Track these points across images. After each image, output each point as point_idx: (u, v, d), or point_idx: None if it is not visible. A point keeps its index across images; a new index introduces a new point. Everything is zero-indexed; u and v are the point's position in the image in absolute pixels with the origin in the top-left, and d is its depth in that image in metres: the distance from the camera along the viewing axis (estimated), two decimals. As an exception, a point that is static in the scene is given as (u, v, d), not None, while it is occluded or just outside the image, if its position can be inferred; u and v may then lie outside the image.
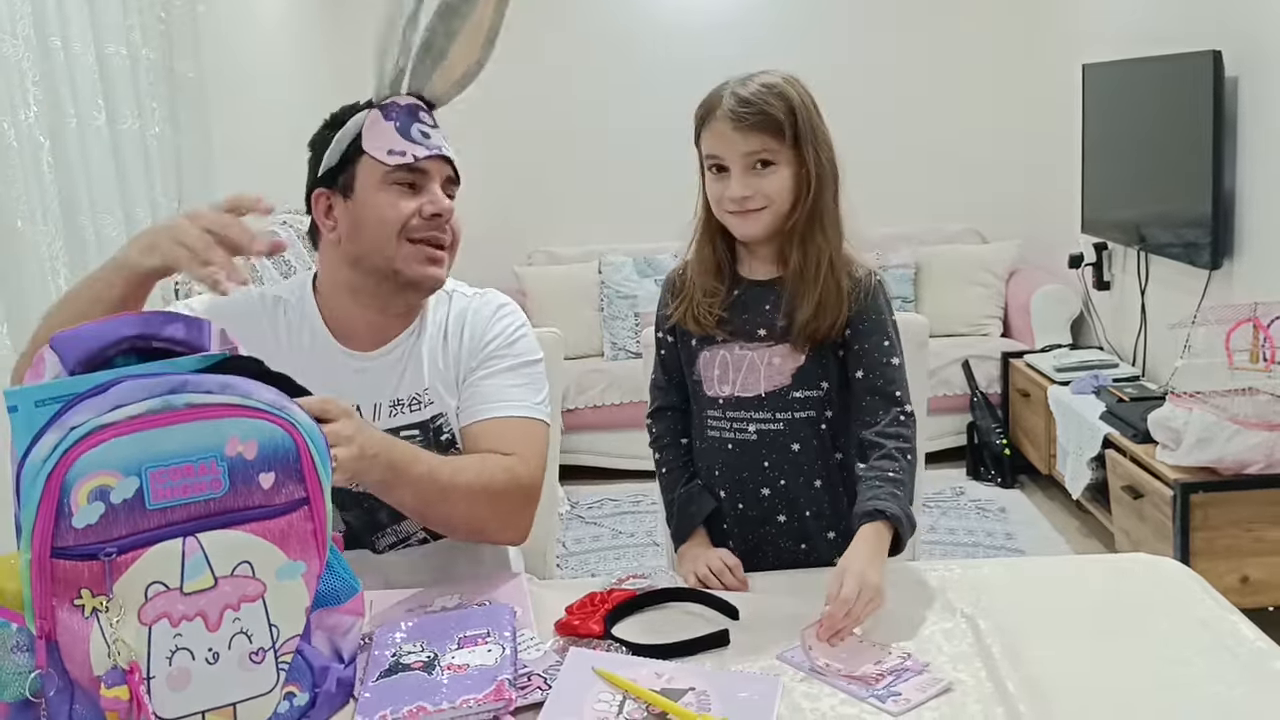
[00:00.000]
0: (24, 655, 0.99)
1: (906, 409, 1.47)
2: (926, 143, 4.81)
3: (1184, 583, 1.35)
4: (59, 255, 2.39)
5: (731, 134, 1.45)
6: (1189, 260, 3.28)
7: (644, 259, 4.69)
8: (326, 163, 1.45)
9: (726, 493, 1.57)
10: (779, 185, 1.46)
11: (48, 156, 2.39)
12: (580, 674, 1.15)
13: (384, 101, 1.44)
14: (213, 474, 1.00)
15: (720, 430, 1.55)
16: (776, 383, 1.51)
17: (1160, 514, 2.74)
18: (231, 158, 3.39)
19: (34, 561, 0.95)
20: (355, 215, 1.45)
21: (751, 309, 1.53)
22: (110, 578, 0.97)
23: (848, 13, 4.82)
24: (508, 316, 1.58)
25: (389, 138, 1.42)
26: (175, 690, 1.00)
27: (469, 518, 1.42)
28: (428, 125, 1.46)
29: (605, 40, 4.91)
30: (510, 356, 1.54)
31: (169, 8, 3.08)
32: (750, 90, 1.45)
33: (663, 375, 1.65)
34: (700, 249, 1.58)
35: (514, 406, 1.50)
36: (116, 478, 0.96)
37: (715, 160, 1.49)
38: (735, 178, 1.46)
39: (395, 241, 1.44)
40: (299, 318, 1.52)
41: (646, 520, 3.91)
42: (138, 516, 0.97)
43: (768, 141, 1.44)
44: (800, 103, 1.46)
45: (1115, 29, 3.90)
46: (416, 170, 1.44)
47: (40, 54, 2.41)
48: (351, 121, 1.44)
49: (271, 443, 1.02)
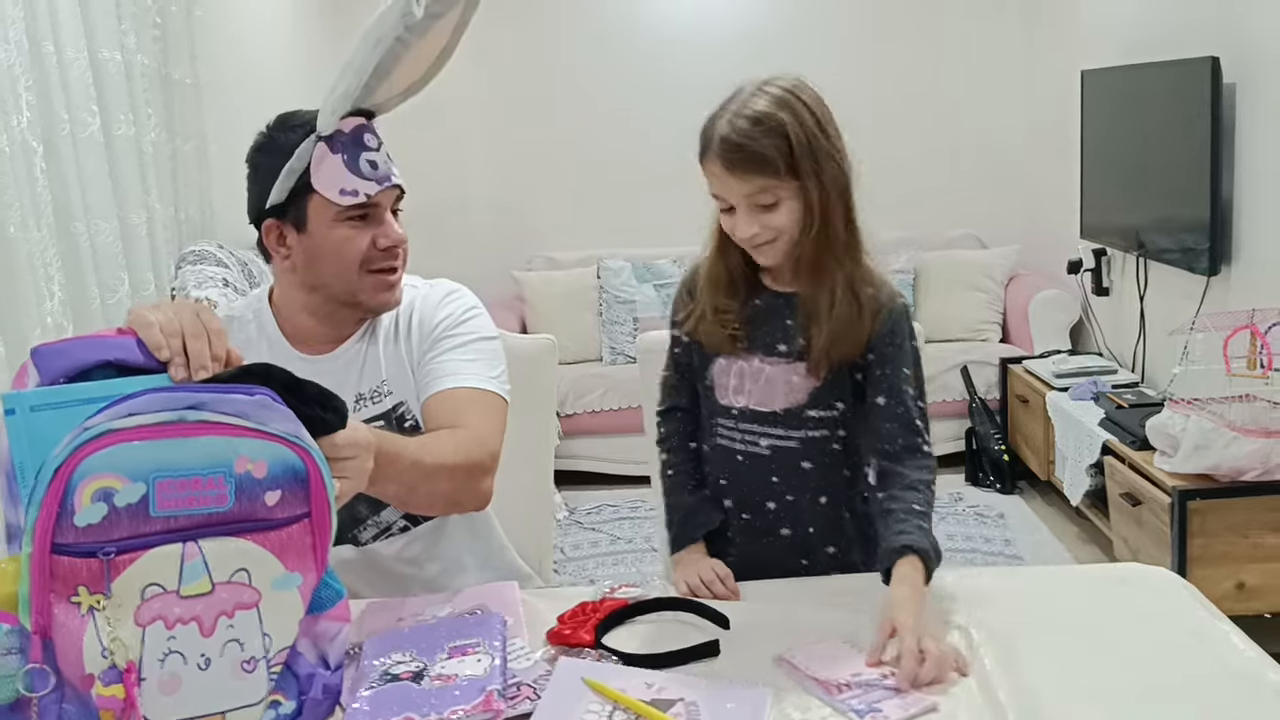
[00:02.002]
0: (15, 657, 0.99)
1: (927, 443, 1.43)
2: (925, 147, 4.81)
3: (1176, 592, 1.35)
4: (52, 262, 2.38)
5: (727, 177, 1.39)
6: (1188, 266, 3.27)
7: (643, 264, 4.69)
8: (275, 196, 1.44)
9: (732, 502, 1.56)
10: (787, 218, 1.40)
11: (41, 163, 2.39)
12: (570, 684, 1.14)
13: (329, 132, 1.42)
14: (219, 489, 1.00)
15: (730, 440, 1.53)
16: (794, 400, 1.48)
17: (1158, 520, 2.73)
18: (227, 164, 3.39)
19: (34, 556, 0.95)
20: (310, 248, 1.47)
21: (771, 321, 1.49)
22: (109, 576, 0.97)
23: (847, 18, 4.83)
24: (456, 300, 1.59)
25: (338, 175, 1.41)
26: (166, 694, 1.00)
27: (439, 495, 1.43)
28: (373, 149, 1.45)
29: (606, 46, 4.91)
30: (461, 335, 1.55)
31: (164, 13, 3.08)
32: (740, 128, 1.37)
33: (675, 374, 1.62)
34: (713, 264, 1.52)
35: (466, 379, 1.51)
36: (123, 481, 0.96)
37: (719, 200, 1.43)
38: (740, 217, 1.41)
39: (355, 274, 1.47)
40: (256, 331, 1.55)
41: (644, 526, 3.90)
42: (140, 521, 0.98)
43: (765, 181, 1.38)
44: (796, 130, 1.37)
45: (1114, 35, 3.89)
46: (368, 205, 1.45)
47: (33, 59, 2.41)
48: (297, 155, 1.42)
49: (282, 464, 1.02)
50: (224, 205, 3.39)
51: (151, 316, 1.06)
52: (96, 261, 2.61)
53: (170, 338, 1.04)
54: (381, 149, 1.46)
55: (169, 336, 1.04)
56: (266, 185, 1.45)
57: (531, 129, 4.96)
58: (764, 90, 1.40)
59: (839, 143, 1.42)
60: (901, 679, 1.14)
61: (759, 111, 1.37)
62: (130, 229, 2.79)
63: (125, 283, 2.71)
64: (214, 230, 3.34)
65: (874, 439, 1.44)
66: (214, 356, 1.06)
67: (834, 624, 1.29)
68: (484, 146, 4.99)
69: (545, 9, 4.82)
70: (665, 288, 4.65)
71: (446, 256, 3.98)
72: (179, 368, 1.04)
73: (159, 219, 2.97)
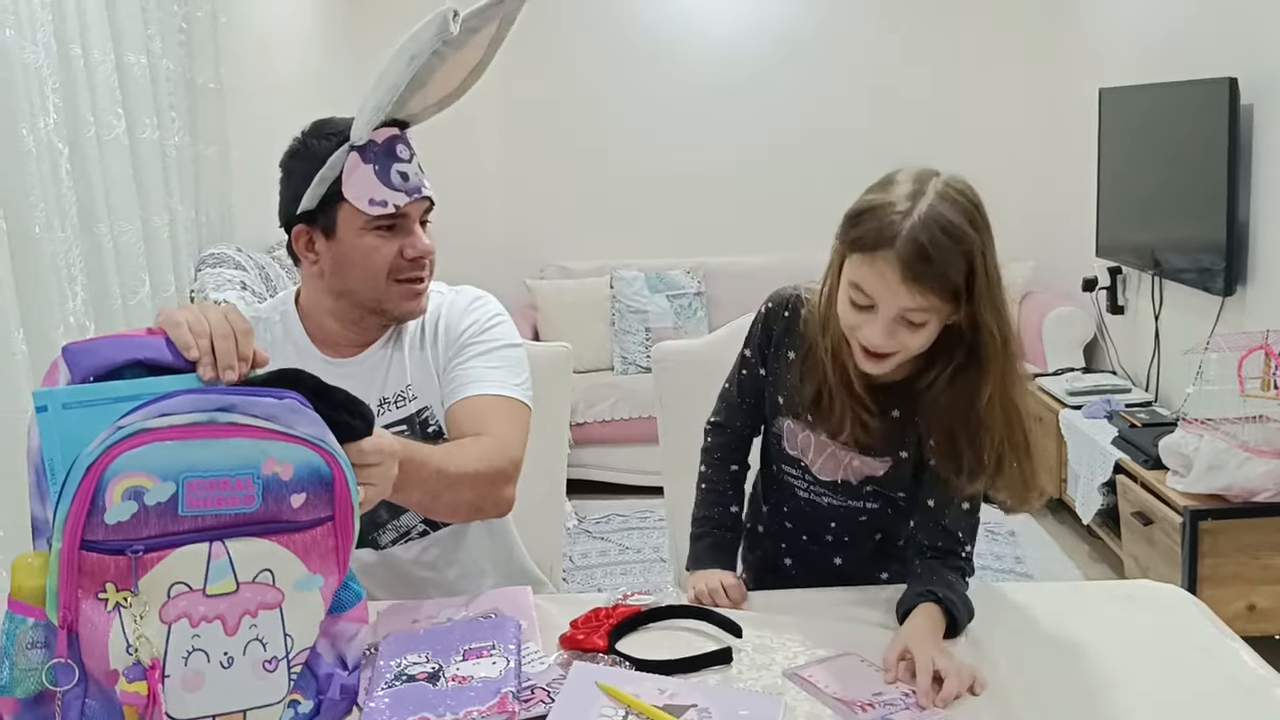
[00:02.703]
0: (39, 651, 1.01)
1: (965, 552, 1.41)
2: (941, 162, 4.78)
3: (1187, 609, 1.35)
4: (76, 263, 2.41)
5: (898, 285, 1.23)
6: (1203, 286, 3.27)
7: (656, 274, 4.71)
8: (306, 203, 1.47)
9: (791, 525, 1.58)
10: (924, 339, 1.29)
11: (66, 164, 2.41)
12: (583, 688, 1.16)
13: (362, 142, 1.43)
14: (247, 490, 1.01)
15: (794, 483, 1.54)
16: (853, 476, 1.49)
17: (1169, 540, 2.73)
18: (248, 168, 3.42)
19: (63, 551, 0.97)
20: (339, 255, 1.48)
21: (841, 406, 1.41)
22: (136, 574, 0.99)
23: (867, 35, 4.84)
24: (482, 307, 1.61)
25: (369, 185, 1.43)
26: (189, 691, 1.02)
27: (462, 503, 1.44)
28: (404, 160, 1.46)
29: (622, 56, 4.93)
30: (486, 342, 1.56)
31: (190, 19, 3.12)
32: (934, 237, 1.22)
33: (737, 395, 1.57)
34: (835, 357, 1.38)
35: (490, 386, 1.52)
36: (153, 481, 0.98)
37: (863, 296, 1.28)
38: (880, 325, 1.27)
39: (383, 283, 1.49)
40: (282, 333, 1.57)
41: (653, 536, 3.90)
42: (169, 520, 0.99)
43: (935, 301, 1.25)
44: (981, 255, 1.25)
45: (1133, 53, 3.90)
46: (397, 215, 1.46)
47: (61, 61, 2.44)
48: (330, 163, 1.44)
49: (308, 467, 1.04)
50: (243, 209, 3.42)
51: (180, 317, 1.08)
52: (119, 262, 2.64)
53: (199, 337, 1.06)
54: (414, 160, 1.47)
55: (197, 336, 1.06)
56: (299, 190, 1.47)
57: (546, 138, 4.99)
58: (951, 197, 1.26)
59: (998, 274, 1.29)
60: (921, 697, 1.15)
61: (952, 223, 1.24)
62: (152, 231, 2.81)
63: (146, 284, 2.74)
64: (233, 233, 3.37)
65: (916, 531, 1.45)
66: (241, 356, 1.08)
67: (846, 635, 1.30)
68: (499, 155, 5.02)
69: (561, 19, 4.85)
70: (678, 298, 4.66)
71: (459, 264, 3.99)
72: (207, 367, 1.06)
73: (180, 221, 3.00)
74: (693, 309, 4.68)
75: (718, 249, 4.90)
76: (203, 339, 1.07)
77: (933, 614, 1.29)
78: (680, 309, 4.66)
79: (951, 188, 1.28)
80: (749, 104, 4.91)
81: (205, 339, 1.07)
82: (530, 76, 4.85)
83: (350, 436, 1.09)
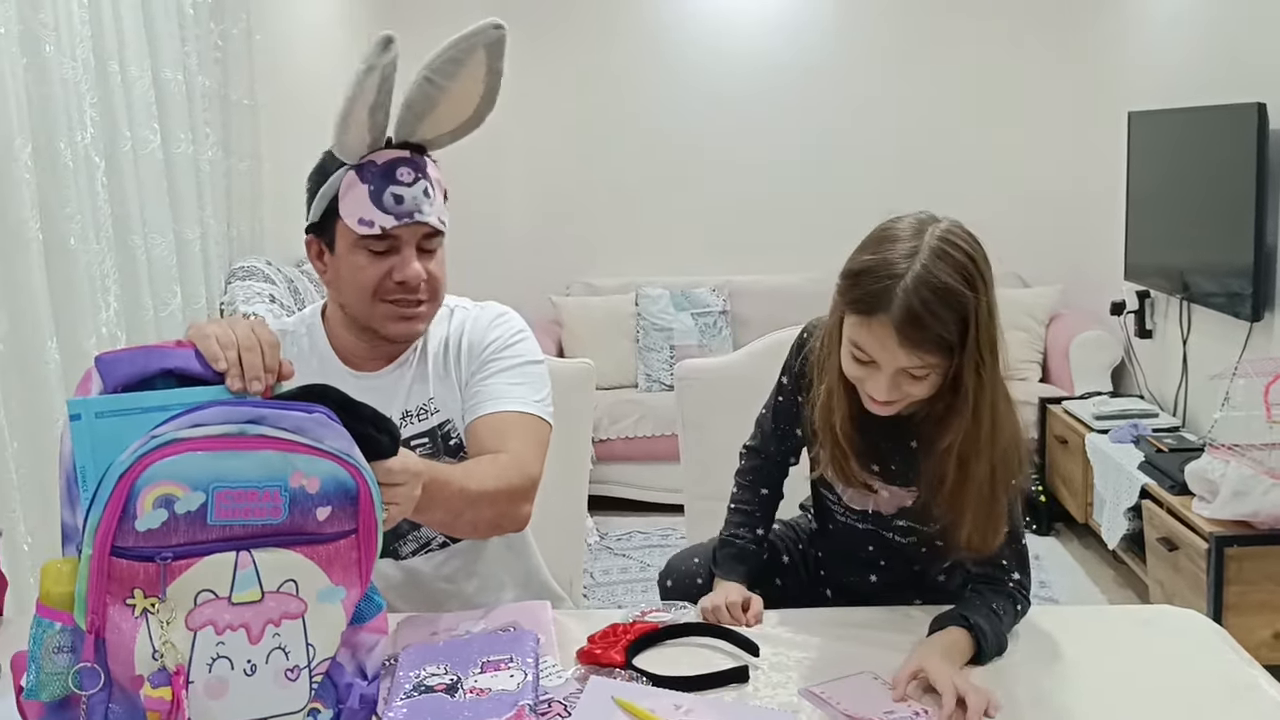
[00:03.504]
0: (65, 656, 1.03)
1: (1011, 579, 1.39)
2: (969, 183, 4.81)
3: (1208, 636, 1.34)
4: (110, 274, 2.45)
5: (895, 348, 1.26)
6: (1231, 311, 3.25)
7: (680, 292, 4.72)
8: (312, 215, 1.51)
9: (831, 543, 1.59)
10: (929, 386, 1.31)
11: (102, 177, 2.46)
12: (600, 702, 1.16)
13: (361, 161, 1.45)
14: (274, 502, 1.03)
15: (831, 506, 1.55)
16: (885, 507, 1.48)
17: (1195, 567, 2.71)
18: (278, 183, 3.47)
19: (94, 557, 0.99)
20: (335, 269, 1.52)
21: (868, 438, 1.42)
22: (164, 581, 1.00)
23: (897, 53, 4.84)
24: (505, 323, 1.62)
25: (361, 204, 1.44)
26: (212, 698, 1.03)
27: (482, 520, 1.46)
28: (404, 184, 1.45)
29: (649, 73, 4.96)
30: (508, 358, 1.58)
31: (226, 36, 3.17)
32: (926, 300, 1.23)
33: (771, 421, 1.59)
34: (838, 397, 1.40)
35: (511, 402, 1.53)
36: (184, 490, 1.00)
37: (863, 354, 1.30)
38: (882, 381, 1.30)
39: (369, 301, 1.50)
40: (307, 346, 1.59)
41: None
42: (198, 529, 1.01)
43: (932, 359, 1.27)
44: (975, 311, 1.26)
45: (1163, 78, 3.89)
46: (387, 237, 1.47)
47: (99, 76, 2.49)
48: (330, 181, 1.47)
49: (334, 481, 1.05)
50: (273, 223, 3.47)
51: (209, 329, 1.11)
52: (151, 274, 2.68)
53: (226, 349, 1.09)
54: (417, 184, 1.46)
55: (225, 348, 1.09)
56: (310, 202, 1.52)
57: (573, 155, 5.02)
58: (946, 253, 1.26)
59: (995, 319, 1.30)
60: (942, 718, 1.15)
61: (946, 285, 1.24)
62: (185, 244, 2.86)
63: (178, 295, 2.78)
64: (263, 247, 3.41)
65: (961, 559, 1.43)
66: (267, 368, 1.11)
67: (865, 656, 1.30)
68: (525, 171, 5.05)
69: (586, 36, 4.88)
70: (703, 316, 4.67)
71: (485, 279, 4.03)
72: (235, 378, 1.08)
73: (212, 235, 3.05)
74: (718, 327, 4.69)
75: (744, 268, 4.91)
76: (230, 351, 1.09)
77: (956, 637, 1.28)
78: (705, 327, 4.67)
79: (947, 241, 1.27)
80: (777, 123, 4.92)
81: (233, 351, 1.10)
82: (558, 93, 4.88)
83: (376, 450, 1.11)
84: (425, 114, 1.44)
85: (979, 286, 1.26)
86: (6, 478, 2.03)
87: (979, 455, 1.32)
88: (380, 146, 1.46)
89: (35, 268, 2.14)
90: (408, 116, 1.44)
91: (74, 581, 1.02)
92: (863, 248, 1.32)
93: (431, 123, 1.46)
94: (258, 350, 1.11)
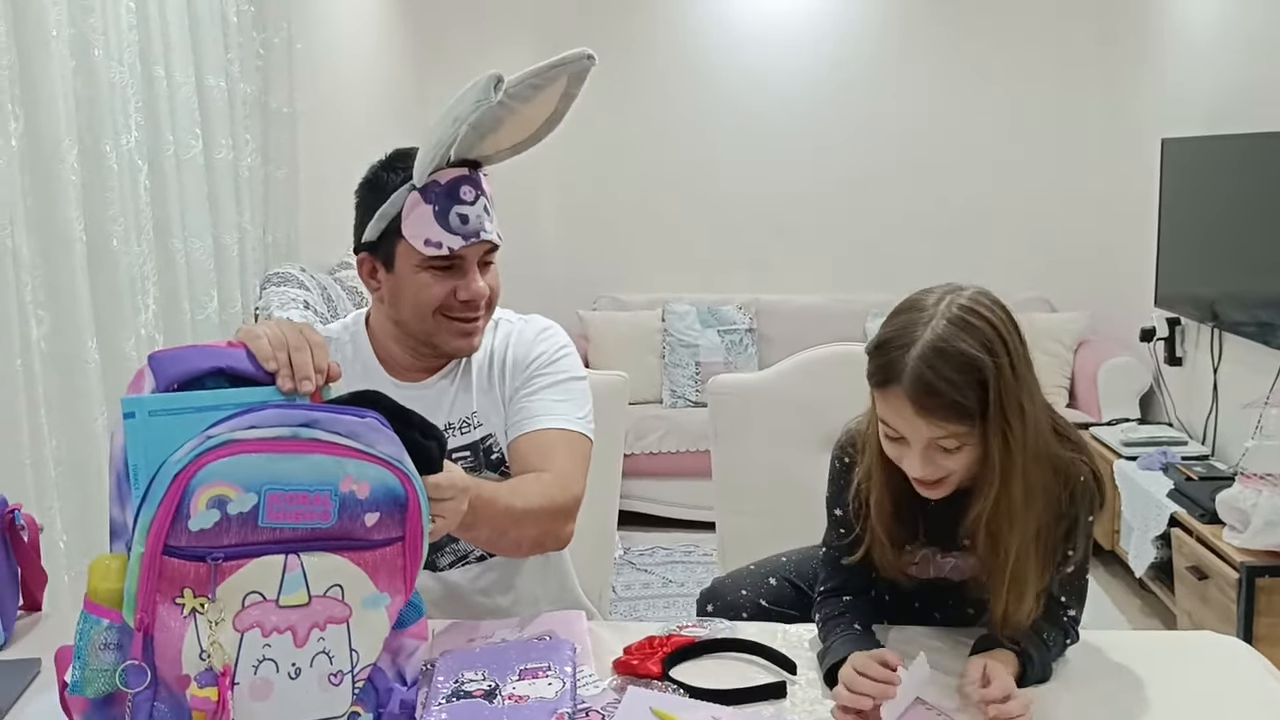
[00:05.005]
0: (112, 653, 1.03)
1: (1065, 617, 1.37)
2: (999, 206, 4.81)
3: (1247, 662, 1.34)
4: (149, 276, 2.48)
5: (913, 418, 1.23)
6: (1263, 340, 3.23)
7: (708, 309, 4.72)
8: (369, 234, 1.50)
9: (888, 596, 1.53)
10: (966, 460, 1.27)
11: (145, 181, 2.49)
12: (638, 712, 1.16)
13: (425, 182, 1.46)
14: (324, 506, 1.04)
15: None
16: (955, 575, 1.45)
17: (1224, 597, 2.68)
18: (314, 191, 3.50)
19: (145, 555, 1.00)
20: (394, 287, 1.52)
21: (936, 520, 1.39)
22: (214, 581, 1.02)
23: (930, 77, 4.84)
24: (551, 338, 1.63)
25: (426, 225, 1.45)
26: (256, 700, 1.04)
27: (526, 539, 1.46)
28: (467, 203, 1.47)
29: (681, 92, 4.98)
30: (553, 374, 1.58)
31: (268, 45, 3.21)
32: (939, 369, 1.21)
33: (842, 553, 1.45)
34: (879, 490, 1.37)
35: (555, 419, 1.54)
36: (237, 491, 1.01)
37: (891, 430, 1.28)
38: (915, 456, 1.27)
39: (431, 319, 1.51)
40: (351, 353, 1.60)
41: (697, 570, 3.90)
42: (249, 530, 1.02)
43: (955, 428, 1.23)
44: (996, 378, 1.22)
45: (1197, 104, 3.88)
46: (453, 257, 1.48)
47: (144, 82, 2.53)
48: (392, 200, 1.47)
49: (384, 487, 1.06)
50: (309, 230, 3.49)
51: (260, 330, 1.13)
52: (190, 277, 2.71)
53: (277, 350, 1.11)
54: (478, 202, 1.48)
55: (276, 349, 1.11)
56: (365, 220, 1.51)
57: (603, 170, 5.04)
58: (963, 320, 1.24)
59: (1032, 375, 1.28)
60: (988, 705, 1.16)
61: (960, 352, 1.22)
62: (223, 248, 2.89)
63: (214, 299, 2.81)
64: (298, 254, 3.44)
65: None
66: (316, 368, 1.12)
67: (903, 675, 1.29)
68: (556, 186, 5.08)
69: (615, 53, 4.90)
70: (729, 333, 4.68)
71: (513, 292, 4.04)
72: (285, 378, 1.10)
73: (249, 240, 3.08)
74: (744, 345, 4.69)
75: (771, 286, 4.91)
76: (280, 351, 1.11)
77: (1003, 659, 1.27)
78: (731, 344, 4.67)
79: (965, 309, 1.24)
80: (806, 142, 4.93)
81: (284, 352, 1.11)
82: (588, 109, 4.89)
83: (424, 457, 1.11)
84: (489, 133, 1.45)
85: (998, 351, 1.22)
86: (45, 475, 2.06)
87: (1012, 526, 1.28)
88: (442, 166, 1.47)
89: (79, 268, 2.16)
90: (471, 135, 1.43)
91: (123, 578, 1.03)
92: (886, 321, 1.31)
93: (492, 140, 1.47)
94: (307, 351, 1.12)
